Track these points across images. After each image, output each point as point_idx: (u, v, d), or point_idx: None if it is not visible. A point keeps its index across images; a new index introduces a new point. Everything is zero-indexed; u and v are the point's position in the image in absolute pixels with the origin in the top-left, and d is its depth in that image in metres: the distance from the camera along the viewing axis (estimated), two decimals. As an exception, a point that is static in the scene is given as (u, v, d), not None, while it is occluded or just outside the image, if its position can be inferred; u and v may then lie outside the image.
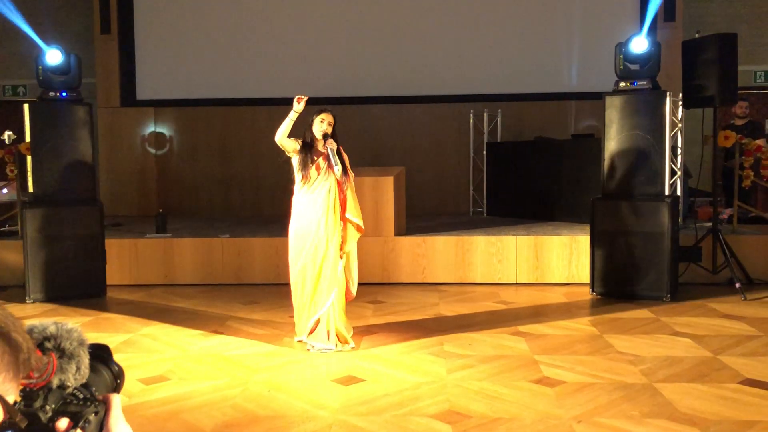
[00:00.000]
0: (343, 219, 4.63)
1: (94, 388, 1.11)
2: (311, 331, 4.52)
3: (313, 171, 4.52)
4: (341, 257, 4.63)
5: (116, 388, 1.16)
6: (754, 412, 3.37)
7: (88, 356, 1.10)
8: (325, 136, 4.51)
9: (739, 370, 3.97)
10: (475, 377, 3.94)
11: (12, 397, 0.97)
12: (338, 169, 4.49)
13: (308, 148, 4.55)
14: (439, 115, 9.40)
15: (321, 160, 4.52)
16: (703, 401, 3.51)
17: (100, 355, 1.14)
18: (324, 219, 4.51)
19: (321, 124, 4.53)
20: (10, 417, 0.96)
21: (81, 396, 1.08)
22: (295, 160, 4.57)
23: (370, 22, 9.35)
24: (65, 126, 6.19)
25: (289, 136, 4.56)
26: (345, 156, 4.61)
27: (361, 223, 4.67)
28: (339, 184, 4.55)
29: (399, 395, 3.68)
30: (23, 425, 0.99)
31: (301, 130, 4.61)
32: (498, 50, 9.23)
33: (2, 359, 0.95)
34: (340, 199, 4.60)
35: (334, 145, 4.51)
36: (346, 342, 4.54)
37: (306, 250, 4.52)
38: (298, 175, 4.56)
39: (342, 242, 4.62)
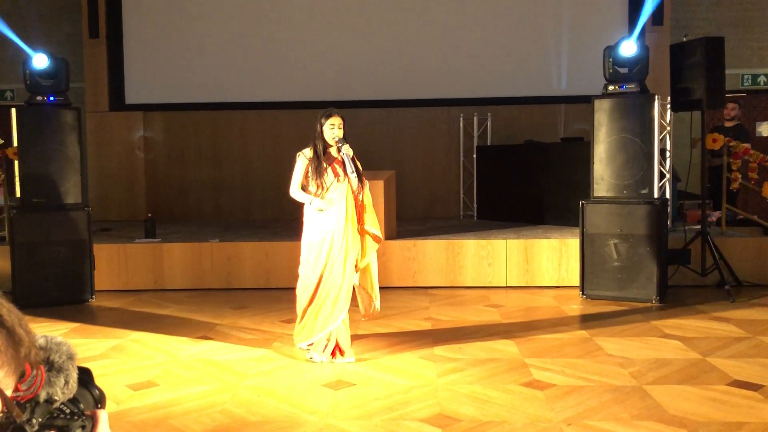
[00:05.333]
0: (362, 231, 4.38)
1: (81, 405, 1.10)
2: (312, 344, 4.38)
3: (326, 179, 4.27)
4: (357, 270, 4.42)
5: None
6: (743, 414, 3.38)
7: (77, 371, 1.09)
8: (340, 141, 4.27)
9: (728, 372, 3.99)
10: (465, 381, 3.93)
11: (10, 390, 0.97)
12: (354, 177, 4.26)
13: (320, 156, 4.29)
14: (429, 119, 9.41)
15: (337, 167, 4.30)
16: (692, 403, 3.52)
17: (82, 377, 1.13)
18: (341, 230, 4.26)
19: (332, 130, 4.29)
20: (8, 410, 0.95)
21: (68, 411, 1.06)
22: (308, 170, 4.33)
23: (360, 26, 9.36)
24: (53, 130, 6.15)
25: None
26: (358, 163, 4.38)
27: (380, 233, 4.43)
28: (354, 193, 4.31)
29: (389, 399, 3.67)
30: (20, 419, 0.98)
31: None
32: (488, 54, 9.25)
33: (5, 353, 0.94)
34: (356, 208, 4.34)
35: (350, 151, 4.28)
36: (343, 354, 4.34)
37: (321, 264, 4.27)
38: (312, 185, 4.29)
39: (361, 255, 4.39)
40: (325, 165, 4.29)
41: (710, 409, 3.45)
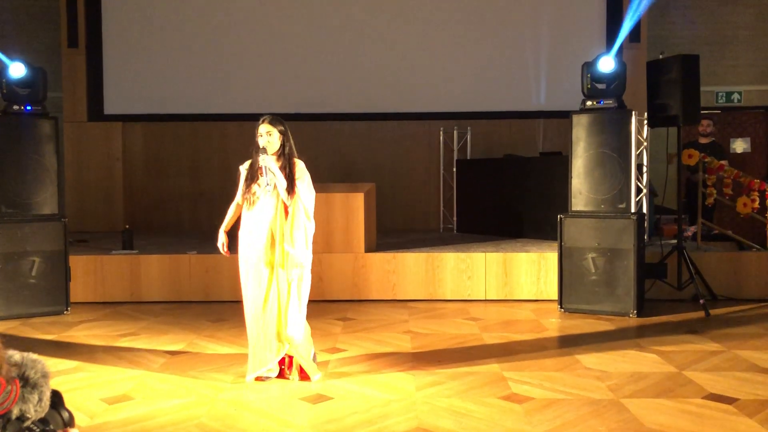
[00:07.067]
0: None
1: (51, 425, 1.09)
2: (283, 371, 4.17)
3: (254, 190, 4.06)
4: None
5: None
6: (718, 427, 3.41)
7: (50, 390, 1.08)
8: (262, 151, 4.03)
9: (704, 385, 4.02)
10: (444, 394, 3.93)
11: None
12: (281, 186, 4.00)
13: (254, 167, 4.09)
14: (409, 133, 9.46)
15: (262, 178, 4.06)
16: (669, 416, 3.55)
17: (52, 399, 1.11)
18: (266, 248, 4.02)
19: (260, 138, 4.08)
20: None
21: (38, 430, 1.05)
22: (239, 189, 4.17)
23: (341, 40, 9.39)
24: (30, 140, 6.09)
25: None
26: (297, 171, 4.06)
27: (294, 252, 4.02)
28: (285, 206, 4.04)
29: (368, 413, 3.65)
30: None
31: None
32: (468, 69, 9.33)
33: None
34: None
35: (269, 161, 4.01)
36: (308, 378, 4.16)
37: (251, 282, 4.06)
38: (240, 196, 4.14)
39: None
40: (251, 177, 4.07)
41: (686, 422, 3.47)
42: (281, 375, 4.21)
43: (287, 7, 9.42)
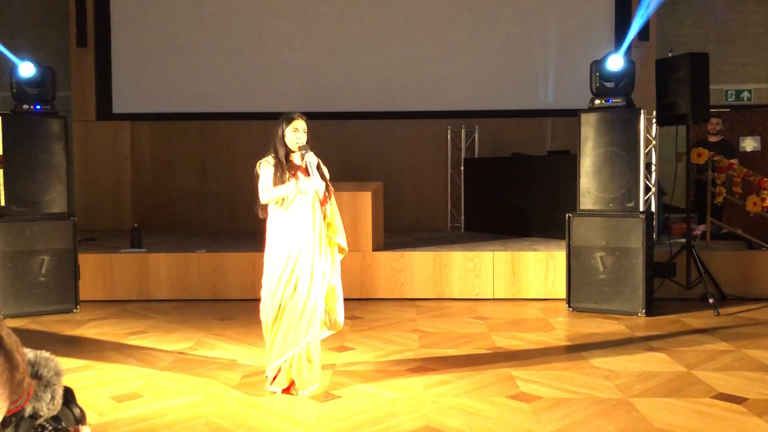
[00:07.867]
0: (330, 242, 4.07)
1: (63, 423, 1.09)
2: (275, 378, 3.99)
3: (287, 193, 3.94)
4: (328, 286, 4.07)
5: None
6: (727, 427, 3.40)
7: (63, 388, 1.09)
8: (303, 148, 3.95)
9: (713, 385, 4.01)
10: (452, 393, 3.93)
11: (1, 414, 0.96)
12: (321, 185, 3.95)
13: (283, 163, 3.95)
14: (417, 131, 9.45)
15: (300, 175, 3.94)
16: (678, 416, 3.53)
17: (64, 396, 1.12)
18: (308, 245, 3.94)
19: (295, 134, 3.95)
20: None
21: (50, 428, 1.06)
22: (268, 179, 3.97)
23: (349, 38, 9.39)
24: (39, 139, 6.12)
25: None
26: (324, 169, 4.02)
27: (342, 241, 4.11)
28: (321, 202, 4.00)
29: (375, 411, 3.65)
30: None
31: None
32: (476, 67, 9.31)
33: (1, 376, 0.93)
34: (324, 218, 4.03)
35: (315, 159, 3.95)
36: (298, 389, 3.93)
37: (285, 281, 3.94)
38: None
39: (331, 270, 4.09)
40: (288, 174, 3.93)
41: (695, 422, 3.46)
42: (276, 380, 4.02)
43: (295, 6, 9.43)
